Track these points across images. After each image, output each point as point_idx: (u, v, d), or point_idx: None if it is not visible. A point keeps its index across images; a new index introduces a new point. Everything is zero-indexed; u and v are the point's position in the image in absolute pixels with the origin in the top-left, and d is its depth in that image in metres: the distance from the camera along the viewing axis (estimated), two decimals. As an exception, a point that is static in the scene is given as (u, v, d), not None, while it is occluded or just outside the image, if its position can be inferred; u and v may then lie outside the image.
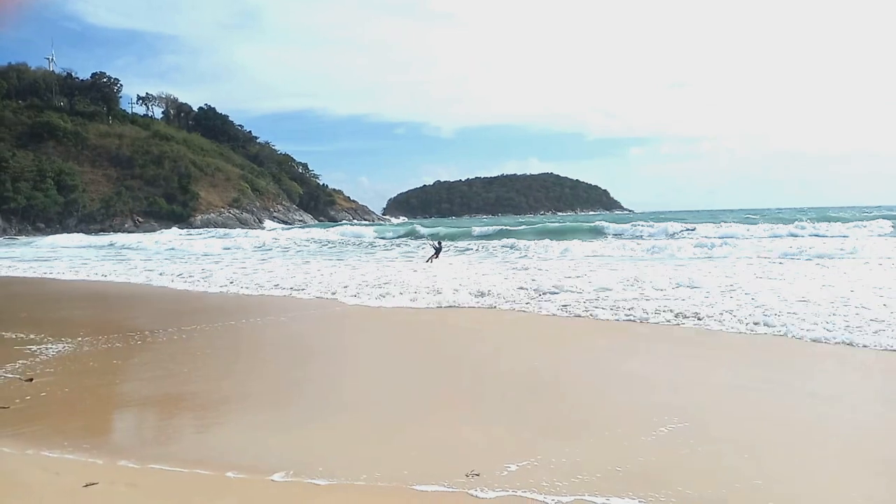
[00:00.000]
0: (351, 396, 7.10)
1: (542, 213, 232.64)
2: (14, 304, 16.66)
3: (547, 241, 31.40)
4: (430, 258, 23.59)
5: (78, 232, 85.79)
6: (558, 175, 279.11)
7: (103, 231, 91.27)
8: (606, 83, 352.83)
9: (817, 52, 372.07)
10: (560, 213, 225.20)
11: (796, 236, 31.65)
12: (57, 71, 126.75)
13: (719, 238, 30.40)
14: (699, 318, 10.78)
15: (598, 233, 39.35)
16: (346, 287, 16.23)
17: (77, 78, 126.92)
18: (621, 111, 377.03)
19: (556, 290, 14.10)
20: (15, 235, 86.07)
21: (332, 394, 7.23)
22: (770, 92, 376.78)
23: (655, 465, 4.78)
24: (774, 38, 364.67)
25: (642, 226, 38.97)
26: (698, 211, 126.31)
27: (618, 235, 37.32)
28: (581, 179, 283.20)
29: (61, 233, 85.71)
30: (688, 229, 36.21)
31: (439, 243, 25.13)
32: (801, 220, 38.53)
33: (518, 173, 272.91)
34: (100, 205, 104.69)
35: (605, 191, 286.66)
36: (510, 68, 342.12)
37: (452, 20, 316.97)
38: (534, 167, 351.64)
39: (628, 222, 44.63)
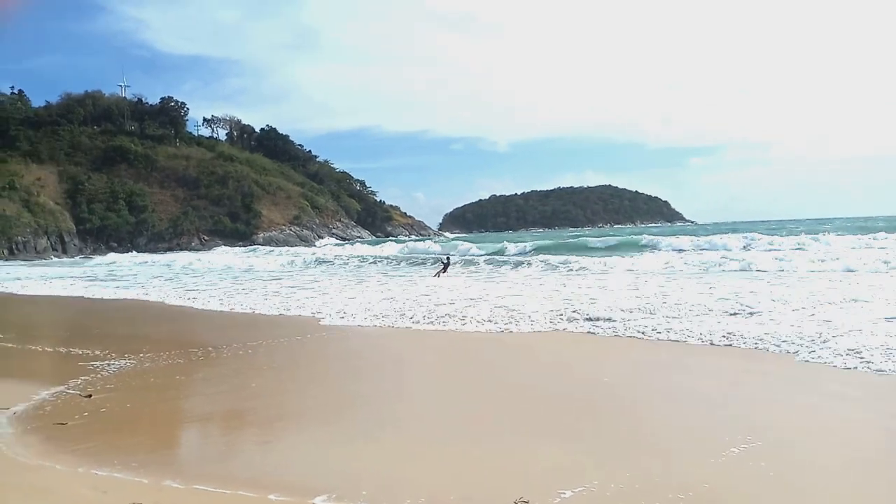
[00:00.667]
0: (400, 413, 6.98)
1: (601, 225, 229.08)
2: (88, 320, 17.35)
3: (611, 257, 30.20)
4: (438, 272, 24.10)
5: (147, 251, 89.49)
6: (616, 187, 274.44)
7: (170, 249, 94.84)
8: (665, 92, 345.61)
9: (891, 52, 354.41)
10: (618, 226, 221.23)
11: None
12: (129, 97, 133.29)
13: (792, 250, 28.72)
14: (777, 344, 9.49)
15: (651, 247, 37.29)
16: (396, 309, 16.04)
17: (147, 103, 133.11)
18: (680, 120, 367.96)
19: (607, 310, 13.63)
20: (90, 254, 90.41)
21: (382, 410, 7.13)
22: (838, 95, 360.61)
23: (727, 491, 4.43)
24: (844, 40, 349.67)
25: (700, 238, 37.28)
26: (765, 221, 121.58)
27: (677, 250, 35.37)
28: (640, 191, 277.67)
29: (132, 251, 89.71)
30: (752, 240, 34.51)
31: (448, 259, 25.87)
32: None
33: (575, 186, 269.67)
34: (168, 224, 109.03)
35: (665, 202, 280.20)
36: (564, 80, 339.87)
37: (503, 32, 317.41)
38: (590, 179, 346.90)
39: (688, 234, 43.05)
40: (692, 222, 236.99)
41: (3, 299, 23.79)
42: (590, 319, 12.29)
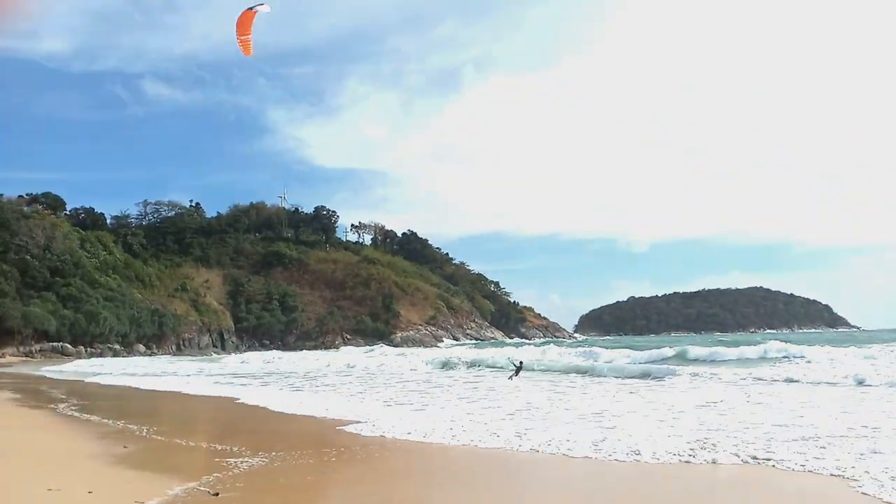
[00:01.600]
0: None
1: (752, 330, 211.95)
2: (232, 417, 17.99)
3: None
4: (511, 376, 25.31)
5: (294, 349, 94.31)
6: (768, 289, 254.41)
7: (316, 347, 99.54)
8: (817, 186, 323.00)
9: None
10: (772, 330, 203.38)
11: None
12: (287, 206, 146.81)
13: None
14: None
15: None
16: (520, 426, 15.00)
17: (302, 212, 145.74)
18: (836, 217, 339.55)
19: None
20: (245, 350, 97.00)
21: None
22: None
23: None
24: None
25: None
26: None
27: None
28: (795, 293, 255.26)
29: (282, 349, 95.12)
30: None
31: (520, 363, 26.81)
32: None
33: (721, 288, 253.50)
34: (315, 323, 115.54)
35: (825, 305, 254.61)
36: (703, 180, 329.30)
37: (634, 133, 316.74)
38: (737, 280, 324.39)
39: (860, 344, 37.59)
40: (857, 328, 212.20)
41: (158, 395, 25.52)
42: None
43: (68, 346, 78.02)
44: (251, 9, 14.68)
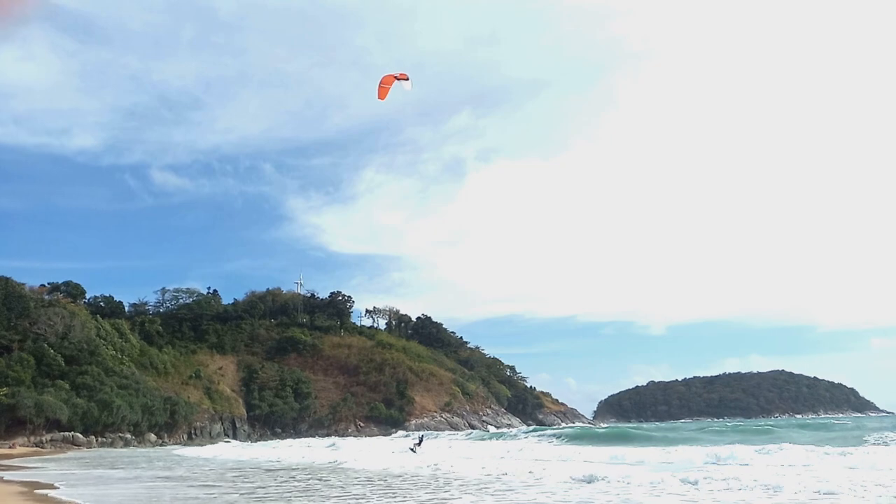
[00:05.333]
0: None
1: (777, 415, 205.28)
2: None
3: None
4: (414, 447, 27.60)
5: (308, 436, 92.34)
6: (791, 372, 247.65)
7: (328, 435, 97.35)
8: (835, 271, 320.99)
9: None
10: (799, 416, 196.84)
11: None
12: (303, 292, 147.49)
13: None
14: None
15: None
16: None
17: (318, 297, 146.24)
18: (855, 298, 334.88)
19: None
20: (257, 439, 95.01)
21: None
22: None
23: None
24: None
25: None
26: None
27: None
28: (818, 377, 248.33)
29: (295, 437, 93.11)
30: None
31: (422, 437, 29.89)
32: None
33: (742, 371, 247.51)
34: (328, 410, 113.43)
35: (851, 389, 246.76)
36: (718, 262, 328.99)
37: (647, 214, 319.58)
38: (757, 364, 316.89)
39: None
40: (889, 412, 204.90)
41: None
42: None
43: (79, 435, 76.92)
44: (397, 77, 16.39)
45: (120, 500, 17.75)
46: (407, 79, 16.72)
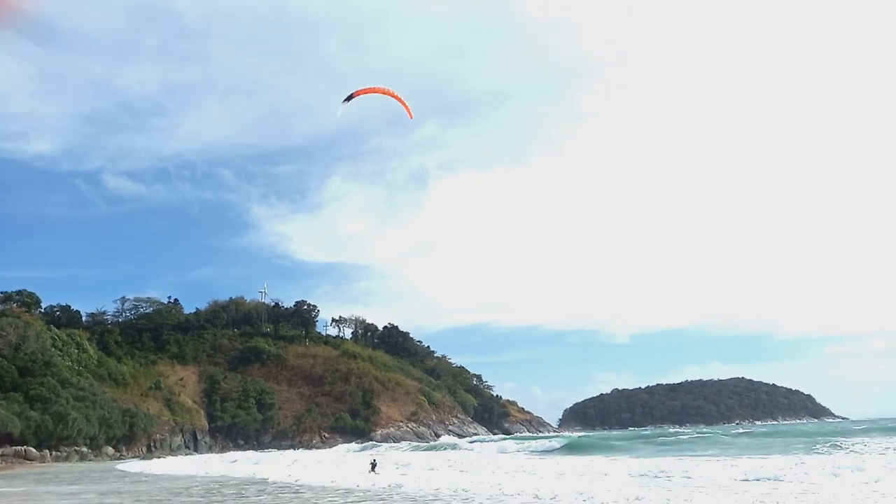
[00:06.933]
0: None
1: (737, 422, 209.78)
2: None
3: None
4: (370, 471, 28.42)
5: (271, 448, 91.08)
6: (751, 380, 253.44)
7: (292, 447, 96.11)
8: (793, 280, 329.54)
9: None
10: (759, 422, 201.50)
11: None
12: (267, 301, 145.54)
13: None
14: None
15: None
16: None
17: (283, 306, 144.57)
18: (811, 306, 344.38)
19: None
20: (219, 451, 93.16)
21: None
22: None
23: None
24: None
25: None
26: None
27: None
28: (777, 383, 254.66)
29: (258, 449, 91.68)
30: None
31: (374, 461, 30.51)
32: None
33: (704, 379, 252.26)
34: (292, 421, 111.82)
35: (808, 395, 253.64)
36: (680, 271, 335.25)
37: (613, 225, 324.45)
38: (717, 371, 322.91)
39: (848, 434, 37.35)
40: (843, 418, 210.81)
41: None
42: None
43: (32, 449, 74.28)
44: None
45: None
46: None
